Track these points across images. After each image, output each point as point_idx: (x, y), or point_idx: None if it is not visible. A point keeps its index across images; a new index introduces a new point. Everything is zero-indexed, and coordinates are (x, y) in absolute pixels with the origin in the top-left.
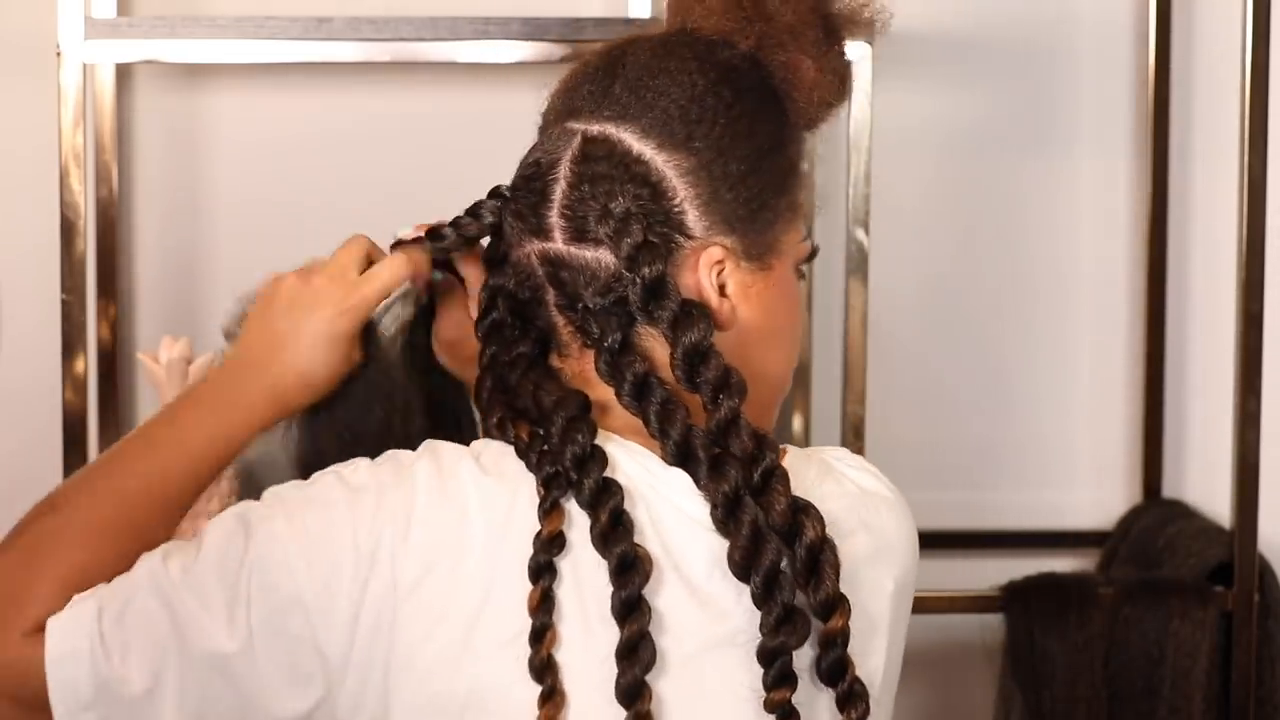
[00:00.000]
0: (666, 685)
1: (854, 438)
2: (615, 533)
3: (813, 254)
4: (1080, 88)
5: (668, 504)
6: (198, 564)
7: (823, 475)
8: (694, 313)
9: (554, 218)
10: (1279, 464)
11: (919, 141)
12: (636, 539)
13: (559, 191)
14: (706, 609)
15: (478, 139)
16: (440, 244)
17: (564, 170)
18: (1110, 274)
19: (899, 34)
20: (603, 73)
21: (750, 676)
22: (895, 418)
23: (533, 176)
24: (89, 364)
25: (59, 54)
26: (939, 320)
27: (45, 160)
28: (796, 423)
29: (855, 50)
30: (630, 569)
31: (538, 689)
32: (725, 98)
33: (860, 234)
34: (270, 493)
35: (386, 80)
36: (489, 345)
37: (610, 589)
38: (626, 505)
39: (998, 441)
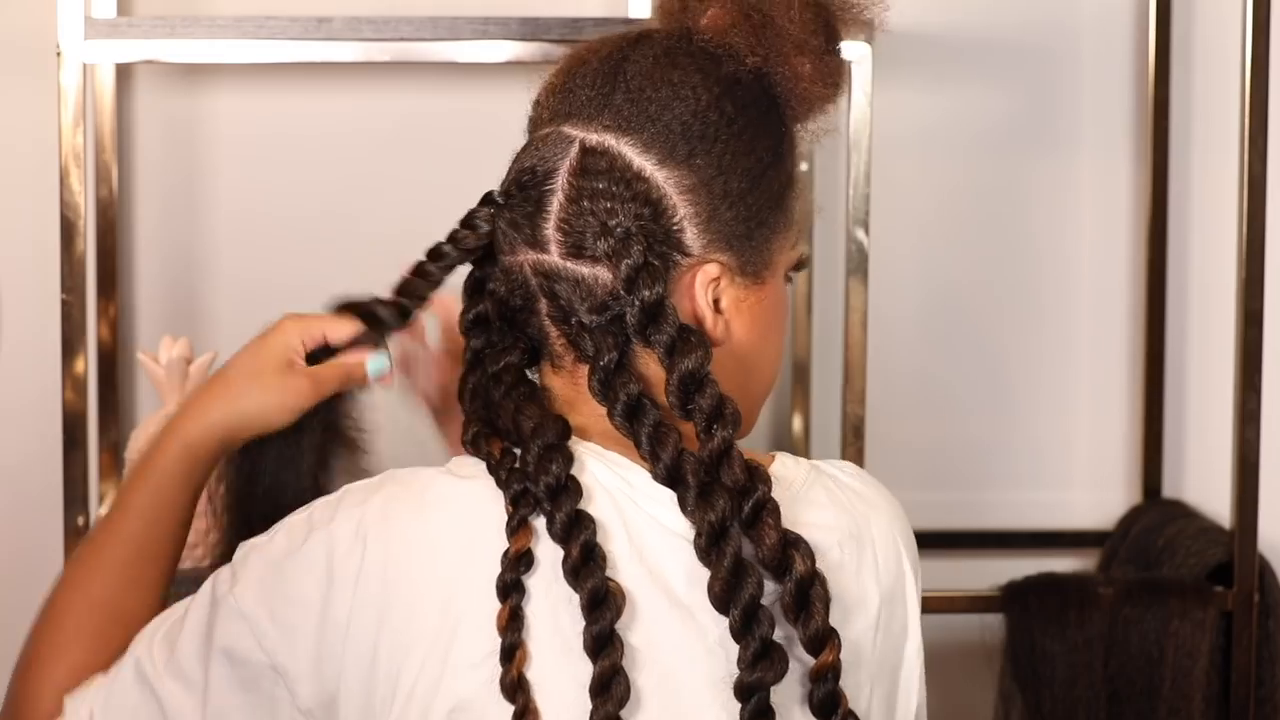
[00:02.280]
0: (645, 714)
1: (854, 438)
2: (587, 567)
3: (801, 263)
4: (1080, 87)
5: (644, 515)
6: (178, 646)
7: (812, 480)
8: (692, 339)
9: (550, 230)
10: (1279, 463)
11: (919, 141)
12: (603, 541)
13: (556, 204)
14: (685, 622)
15: (477, 138)
16: (444, 261)
17: (561, 181)
18: (1110, 273)
19: (899, 34)
20: (603, 78)
21: (729, 708)
22: (895, 418)
23: (528, 184)
24: (89, 364)
25: (59, 54)
26: (939, 320)
27: (45, 160)
28: (796, 423)
29: (855, 50)
30: (602, 603)
31: (509, 709)
32: (728, 113)
33: (860, 234)
34: (239, 552)
35: (386, 80)
36: (472, 339)
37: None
38: (598, 512)
39: (998, 441)
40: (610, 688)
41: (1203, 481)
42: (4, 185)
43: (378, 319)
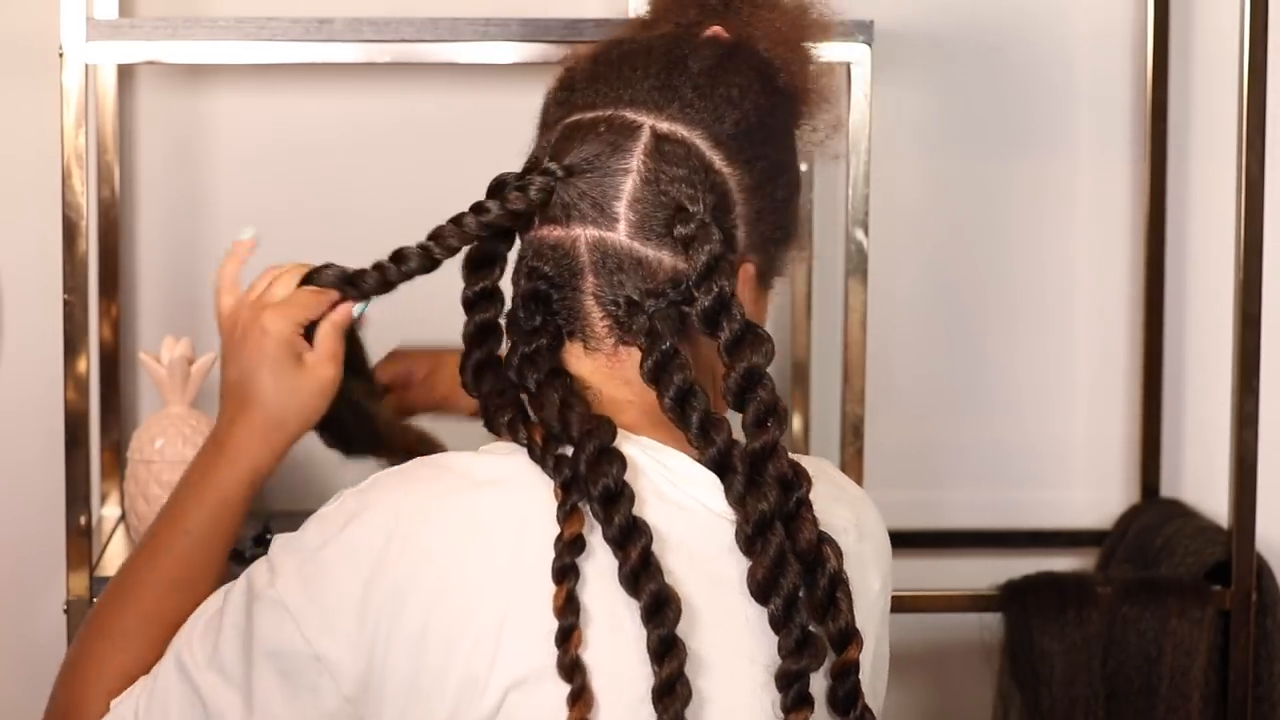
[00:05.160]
0: (705, 678)
1: (853, 438)
2: (646, 572)
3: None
4: (1079, 88)
5: (684, 495)
6: (220, 643)
7: (818, 477)
8: (760, 334)
9: (622, 208)
10: (1276, 463)
11: (918, 141)
12: (640, 513)
13: (630, 184)
14: (724, 601)
15: (477, 139)
16: (484, 217)
17: (636, 162)
18: (1109, 274)
19: (898, 34)
20: (665, 69)
21: (769, 690)
22: (894, 417)
23: (596, 161)
24: (91, 364)
25: (61, 55)
26: (938, 320)
27: (47, 161)
28: (795, 422)
29: (854, 51)
30: (664, 607)
31: (566, 688)
32: (780, 123)
33: (860, 234)
34: (273, 546)
35: (387, 81)
36: (476, 313)
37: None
38: (633, 483)
39: (996, 441)
40: (675, 689)
41: (1201, 481)
42: (6, 185)
43: (351, 284)
